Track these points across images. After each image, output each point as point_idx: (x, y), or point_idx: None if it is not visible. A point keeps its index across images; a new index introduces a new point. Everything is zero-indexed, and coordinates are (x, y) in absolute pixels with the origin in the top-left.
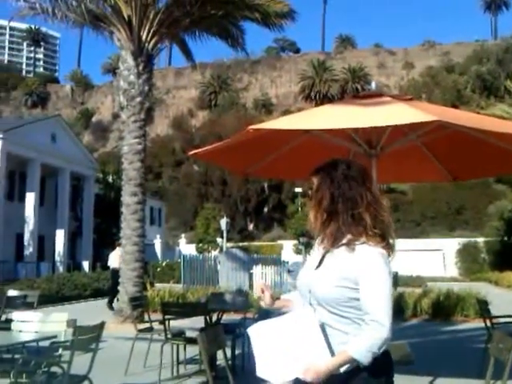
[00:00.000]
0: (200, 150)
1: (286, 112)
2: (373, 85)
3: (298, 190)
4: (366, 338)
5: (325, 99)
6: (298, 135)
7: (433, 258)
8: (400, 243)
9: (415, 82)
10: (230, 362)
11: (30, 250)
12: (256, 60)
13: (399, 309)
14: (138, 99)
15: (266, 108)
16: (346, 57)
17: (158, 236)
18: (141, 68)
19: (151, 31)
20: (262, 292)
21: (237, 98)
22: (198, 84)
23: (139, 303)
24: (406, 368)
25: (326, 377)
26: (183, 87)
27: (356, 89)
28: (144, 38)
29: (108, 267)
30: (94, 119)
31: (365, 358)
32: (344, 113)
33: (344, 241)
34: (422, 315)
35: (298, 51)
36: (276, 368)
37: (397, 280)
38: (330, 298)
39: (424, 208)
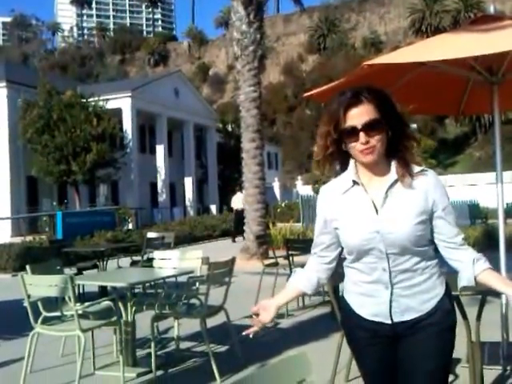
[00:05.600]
0: (314, 91)
1: (397, 49)
2: (491, 9)
3: (413, 125)
4: (478, 254)
5: (436, 32)
6: (413, 68)
7: None
8: None
9: None
10: None
11: (163, 196)
12: None
13: None
14: (251, 48)
15: (376, 46)
16: None
17: (276, 179)
18: (251, 17)
19: None
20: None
21: (345, 39)
22: (307, 28)
23: (264, 241)
24: None
25: None
26: (292, 33)
27: (469, 18)
28: None
29: (232, 209)
30: (210, 72)
31: None
32: (463, 41)
33: (406, 172)
34: None
35: None
36: None
37: None
38: (416, 235)
39: None
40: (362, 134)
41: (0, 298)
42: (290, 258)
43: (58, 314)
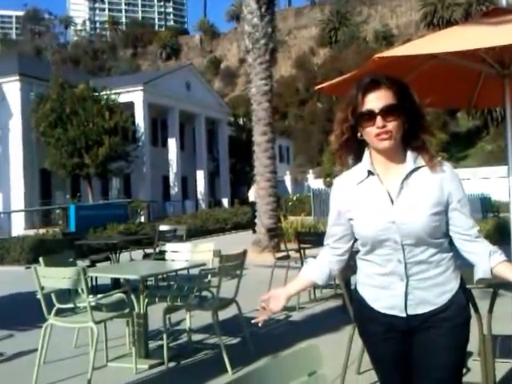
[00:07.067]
0: (325, 83)
1: (408, 42)
2: (503, 2)
3: None
4: (493, 246)
5: (448, 24)
6: (425, 61)
7: None
8: None
9: None
10: None
11: (175, 190)
12: None
13: None
14: (262, 41)
15: (387, 40)
16: None
17: (288, 172)
18: (263, 10)
19: None
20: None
21: (357, 32)
22: (318, 22)
23: (275, 234)
24: None
25: None
26: (303, 27)
27: (481, 11)
28: None
29: (245, 202)
30: (222, 66)
31: None
32: (475, 33)
33: (421, 162)
34: None
35: None
36: None
37: None
38: (432, 226)
39: None
40: (378, 118)
41: (14, 290)
42: (302, 251)
43: (71, 305)
